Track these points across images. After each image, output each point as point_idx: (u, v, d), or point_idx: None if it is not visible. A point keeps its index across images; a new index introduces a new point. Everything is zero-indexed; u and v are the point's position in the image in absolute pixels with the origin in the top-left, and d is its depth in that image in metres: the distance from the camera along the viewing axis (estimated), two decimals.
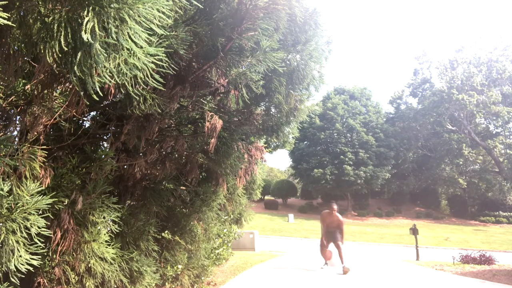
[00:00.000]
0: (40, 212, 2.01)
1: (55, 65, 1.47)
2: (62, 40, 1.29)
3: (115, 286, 2.85)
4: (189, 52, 2.25)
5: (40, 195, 1.89)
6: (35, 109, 2.11)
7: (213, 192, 4.40)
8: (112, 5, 1.27)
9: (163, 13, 1.41)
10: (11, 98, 2.17)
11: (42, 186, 1.96)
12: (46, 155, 2.09)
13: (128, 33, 1.34)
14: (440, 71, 32.50)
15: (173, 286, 4.35)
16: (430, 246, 18.11)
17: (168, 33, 1.90)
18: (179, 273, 4.32)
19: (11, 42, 1.62)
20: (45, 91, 2.04)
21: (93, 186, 2.52)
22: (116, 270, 2.77)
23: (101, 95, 1.57)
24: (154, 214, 3.66)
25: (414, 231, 12.87)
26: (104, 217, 2.61)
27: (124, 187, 3.47)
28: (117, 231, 2.81)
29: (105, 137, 3.13)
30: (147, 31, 1.39)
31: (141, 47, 1.42)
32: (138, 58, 1.43)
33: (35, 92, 2.04)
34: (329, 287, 5.12)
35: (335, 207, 6.80)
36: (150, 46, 1.49)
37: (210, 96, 3.30)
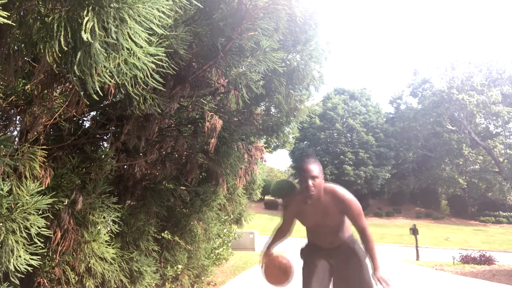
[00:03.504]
0: (40, 212, 2.01)
1: (55, 65, 1.47)
2: (62, 39, 1.29)
3: (115, 286, 2.85)
4: (189, 52, 2.25)
5: (40, 195, 1.89)
6: (35, 109, 2.11)
7: (213, 192, 4.40)
8: (112, 5, 1.27)
9: (163, 13, 1.41)
10: (11, 98, 2.17)
11: (42, 186, 1.96)
12: (46, 155, 2.09)
13: (128, 32, 1.34)
14: (440, 71, 32.51)
15: (173, 286, 4.35)
16: (430, 246, 18.10)
17: (168, 33, 1.90)
18: (179, 273, 4.32)
19: (11, 42, 1.62)
20: (45, 91, 2.04)
21: (93, 186, 2.52)
22: (116, 270, 2.77)
23: (101, 95, 1.57)
24: (154, 214, 3.66)
25: (414, 231, 12.87)
26: (104, 217, 2.61)
27: (124, 187, 3.47)
28: (117, 231, 2.81)
29: (105, 137, 3.13)
30: (147, 31, 1.39)
31: (141, 47, 1.42)
32: (138, 58, 1.43)
33: (35, 92, 2.04)
34: None
35: (312, 168, 2.02)
36: (150, 46, 1.49)
37: (210, 96, 3.30)
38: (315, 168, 2.05)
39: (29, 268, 1.83)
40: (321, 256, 2.27)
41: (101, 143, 3.27)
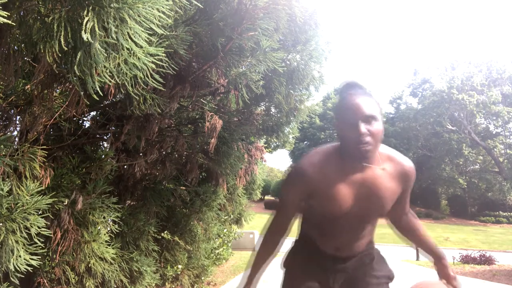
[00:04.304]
0: (40, 212, 2.01)
1: (55, 65, 1.47)
2: (62, 39, 1.29)
3: (115, 286, 2.85)
4: (189, 52, 2.25)
5: (40, 195, 1.89)
6: (35, 109, 2.11)
7: (213, 192, 4.40)
8: (112, 5, 1.27)
9: (163, 13, 1.41)
10: (11, 98, 2.17)
11: (42, 186, 1.96)
12: (46, 155, 2.09)
13: (128, 32, 1.34)
14: (440, 71, 32.53)
15: (173, 286, 4.35)
16: None
17: (168, 33, 1.90)
18: (179, 273, 4.32)
19: (11, 42, 1.62)
20: (45, 91, 2.04)
21: (93, 186, 2.52)
22: (116, 270, 2.77)
23: (101, 95, 1.57)
24: (154, 214, 3.66)
25: None
26: (104, 217, 2.61)
27: (124, 187, 3.47)
28: (117, 231, 2.81)
29: (105, 137, 3.13)
30: (147, 31, 1.39)
31: (141, 47, 1.42)
32: (138, 58, 1.43)
33: (35, 92, 2.03)
34: None
35: (365, 103, 1.14)
36: (150, 46, 1.49)
37: (210, 96, 3.30)
38: (371, 103, 1.15)
39: (29, 268, 1.83)
40: (320, 278, 1.31)
41: (101, 143, 3.27)
